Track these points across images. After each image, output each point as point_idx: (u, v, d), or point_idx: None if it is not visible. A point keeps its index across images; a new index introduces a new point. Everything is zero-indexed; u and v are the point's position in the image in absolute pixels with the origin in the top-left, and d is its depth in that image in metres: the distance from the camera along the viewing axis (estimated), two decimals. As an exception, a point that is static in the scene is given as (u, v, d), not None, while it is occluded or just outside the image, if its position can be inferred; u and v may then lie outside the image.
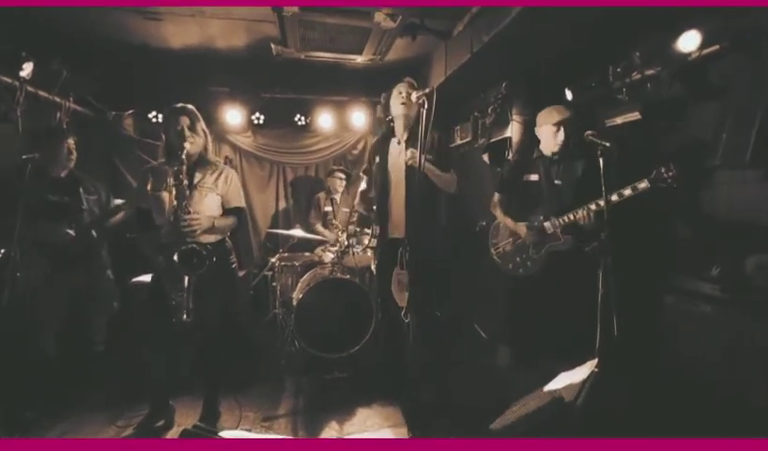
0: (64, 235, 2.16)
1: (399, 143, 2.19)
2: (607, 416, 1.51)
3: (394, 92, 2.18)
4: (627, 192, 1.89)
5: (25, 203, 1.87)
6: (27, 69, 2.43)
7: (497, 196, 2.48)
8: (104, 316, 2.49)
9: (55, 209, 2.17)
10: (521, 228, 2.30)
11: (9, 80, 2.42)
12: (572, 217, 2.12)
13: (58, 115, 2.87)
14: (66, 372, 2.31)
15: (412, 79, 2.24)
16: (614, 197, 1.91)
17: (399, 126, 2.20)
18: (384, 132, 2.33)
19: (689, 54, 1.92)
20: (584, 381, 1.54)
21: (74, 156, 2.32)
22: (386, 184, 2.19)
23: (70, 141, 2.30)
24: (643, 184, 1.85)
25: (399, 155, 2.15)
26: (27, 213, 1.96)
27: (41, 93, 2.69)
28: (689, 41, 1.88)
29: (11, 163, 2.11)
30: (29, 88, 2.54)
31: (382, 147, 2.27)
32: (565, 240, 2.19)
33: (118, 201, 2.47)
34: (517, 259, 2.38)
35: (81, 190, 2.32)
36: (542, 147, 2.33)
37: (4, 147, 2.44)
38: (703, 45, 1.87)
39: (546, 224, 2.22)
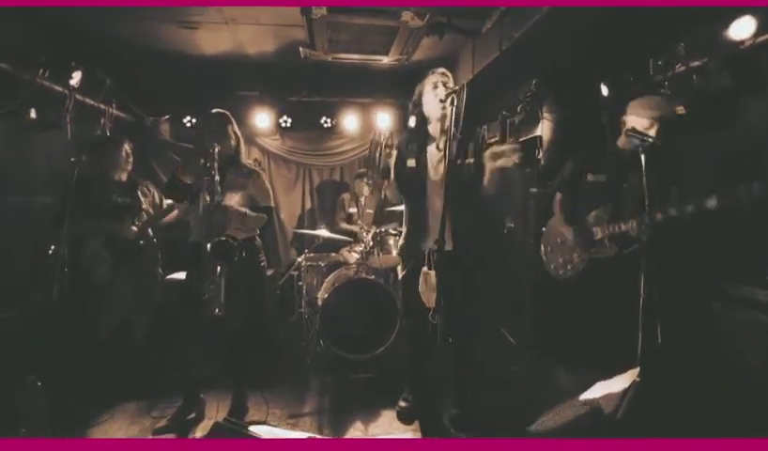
0: (129, 232, 2.40)
1: (438, 147, 1.94)
2: (650, 430, 1.41)
3: (427, 87, 1.92)
4: (690, 208, 1.66)
5: (74, 203, 1.98)
6: (76, 78, 2.59)
7: (558, 196, 2.27)
8: (148, 309, 2.64)
9: (120, 209, 2.42)
10: (567, 230, 2.15)
11: (60, 88, 2.59)
12: (623, 228, 1.91)
13: (102, 121, 3.04)
14: (106, 362, 2.44)
15: (444, 69, 1.95)
16: (672, 212, 1.69)
17: (436, 127, 1.94)
18: (420, 132, 2.01)
19: (741, 43, 1.79)
20: (625, 392, 1.45)
21: (131, 160, 2.56)
22: (422, 192, 1.94)
23: (127, 147, 2.54)
24: (712, 202, 1.60)
25: (439, 163, 1.91)
26: (95, 213, 2.30)
27: (88, 100, 2.87)
28: (742, 28, 1.75)
29: (63, 167, 2.28)
30: (77, 96, 2.71)
31: (417, 152, 1.98)
32: (611, 248, 2.01)
33: (169, 202, 2.62)
34: (560, 260, 2.25)
35: (138, 192, 2.54)
36: (622, 143, 2.05)
37: (55, 152, 2.62)
38: (758, 32, 1.73)
39: (596, 228, 2.04)
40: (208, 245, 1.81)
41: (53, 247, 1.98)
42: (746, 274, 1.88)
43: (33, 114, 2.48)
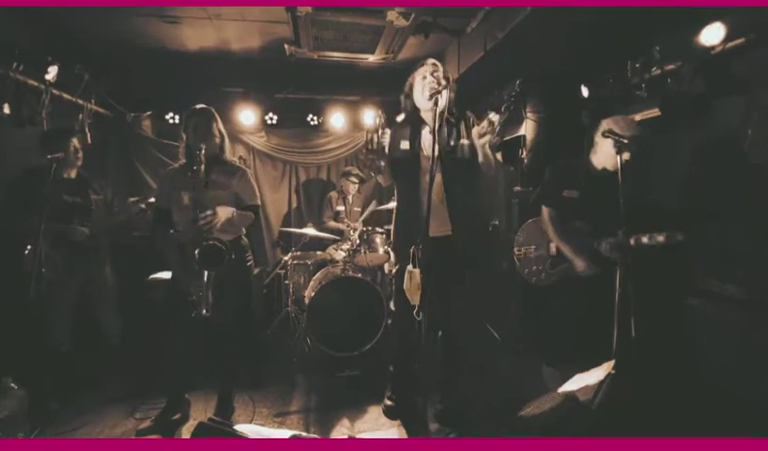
0: (79, 233, 2.27)
1: (431, 132, 1.86)
2: (624, 419, 1.47)
3: (417, 78, 1.93)
4: (661, 238, 1.77)
5: (48, 202, 1.94)
6: (52, 73, 2.52)
7: (546, 211, 2.18)
8: (112, 308, 2.57)
9: (70, 209, 2.28)
10: (580, 264, 2.01)
11: (35, 83, 2.51)
12: (594, 246, 1.95)
13: (80, 116, 2.96)
14: (83, 365, 2.40)
15: (436, 60, 1.94)
16: (644, 240, 1.79)
17: (428, 115, 1.94)
18: (412, 118, 2.01)
19: (712, 48, 1.86)
20: (600, 383, 1.51)
21: (81, 156, 2.38)
22: (416, 177, 1.93)
23: (75, 141, 2.34)
24: (680, 236, 1.74)
25: (431, 147, 1.85)
26: (42, 212, 2.02)
27: (65, 96, 2.79)
28: (712, 34, 1.83)
29: (26, 164, 2.22)
30: (54, 91, 2.63)
31: (411, 136, 1.97)
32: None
33: (132, 199, 2.56)
34: (534, 268, 2.28)
35: (89, 190, 2.42)
36: (596, 160, 2.02)
37: (17, 150, 2.52)
38: (727, 38, 1.81)
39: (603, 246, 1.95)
40: (197, 251, 1.79)
41: (29, 247, 1.93)
42: (717, 270, 1.97)
43: (6, 109, 2.40)
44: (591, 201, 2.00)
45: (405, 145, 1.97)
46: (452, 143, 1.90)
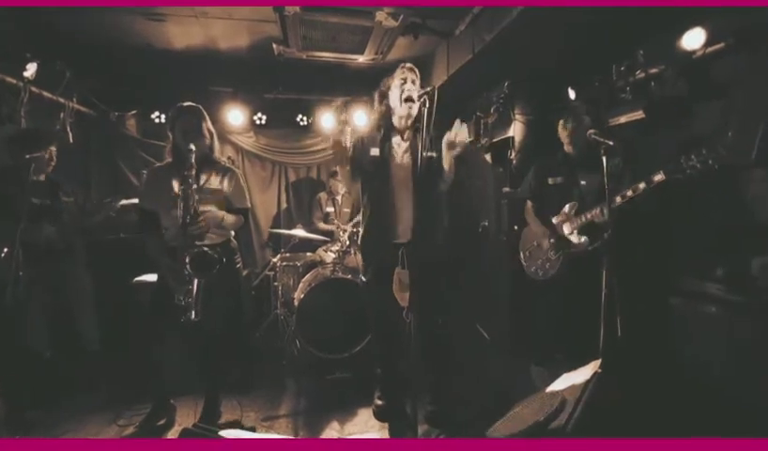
0: (47, 235, 2.24)
1: (403, 139, 1.95)
2: (610, 417, 1.49)
3: (395, 81, 1.90)
4: (642, 185, 1.85)
5: (22, 203, 1.88)
6: (31, 70, 2.45)
7: (529, 204, 2.45)
8: (89, 314, 2.52)
9: (38, 211, 2.23)
10: (542, 233, 2.31)
11: (14, 81, 2.44)
12: (588, 217, 2.12)
13: (62, 115, 2.88)
14: (62, 371, 2.33)
15: (412, 65, 1.94)
16: (629, 193, 1.88)
17: (401, 121, 1.93)
18: (383, 124, 2.00)
19: (693, 53, 1.91)
20: (587, 382, 1.53)
21: (54, 162, 2.39)
22: (387, 183, 1.93)
23: (53, 149, 2.37)
24: (659, 176, 1.80)
25: (404, 153, 1.93)
26: (9, 215, 2.00)
27: (45, 94, 2.71)
28: (693, 39, 1.87)
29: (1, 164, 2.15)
30: (33, 89, 2.56)
31: (381, 141, 1.97)
32: (583, 242, 2.18)
33: (107, 200, 2.53)
34: (539, 262, 2.37)
35: (60, 193, 2.38)
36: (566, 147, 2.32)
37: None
38: (708, 43, 1.85)
39: (565, 224, 2.22)
40: (187, 258, 1.76)
41: (5, 249, 1.87)
42: (700, 270, 2.01)
43: (-17, 107, 2.33)
44: (574, 183, 2.23)
45: (374, 151, 1.94)
46: (424, 153, 1.83)
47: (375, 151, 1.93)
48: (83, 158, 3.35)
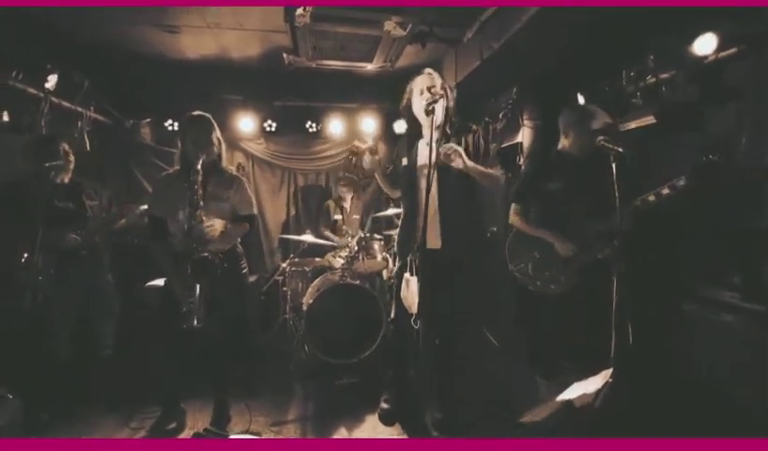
0: (72, 240, 2.22)
1: (428, 144, 1.85)
2: (622, 427, 1.47)
3: (415, 90, 1.93)
4: (665, 191, 1.75)
5: (42, 208, 1.93)
6: (52, 81, 2.53)
7: (513, 208, 2.21)
8: (108, 319, 2.54)
9: (62, 216, 2.20)
10: (563, 247, 2.01)
11: (35, 91, 2.52)
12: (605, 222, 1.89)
13: (79, 124, 2.97)
14: (77, 375, 2.37)
15: (431, 70, 1.96)
16: (651, 197, 1.78)
17: (426, 125, 1.89)
18: (411, 132, 2.05)
19: (705, 58, 1.89)
20: (598, 391, 1.51)
21: (72, 159, 2.32)
22: (414, 188, 1.97)
23: (65, 145, 2.28)
24: (680, 182, 1.72)
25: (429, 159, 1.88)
26: (32, 220, 1.96)
27: (65, 103, 2.80)
28: (706, 44, 1.85)
29: (16, 171, 2.20)
30: (53, 99, 2.64)
31: (408, 149, 2.02)
32: (597, 249, 1.97)
33: (138, 208, 2.52)
34: (546, 274, 2.10)
35: (83, 195, 2.36)
36: (569, 148, 2.10)
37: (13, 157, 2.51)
38: (720, 48, 1.83)
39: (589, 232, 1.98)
40: (189, 263, 1.79)
41: (26, 255, 1.92)
42: (714, 277, 1.97)
43: (6, 116, 2.41)
44: (576, 188, 2.02)
45: (405, 161, 2.03)
46: (438, 156, 1.86)
47: (405, 161, 2.03)
48: (99, 165, 3.44)
